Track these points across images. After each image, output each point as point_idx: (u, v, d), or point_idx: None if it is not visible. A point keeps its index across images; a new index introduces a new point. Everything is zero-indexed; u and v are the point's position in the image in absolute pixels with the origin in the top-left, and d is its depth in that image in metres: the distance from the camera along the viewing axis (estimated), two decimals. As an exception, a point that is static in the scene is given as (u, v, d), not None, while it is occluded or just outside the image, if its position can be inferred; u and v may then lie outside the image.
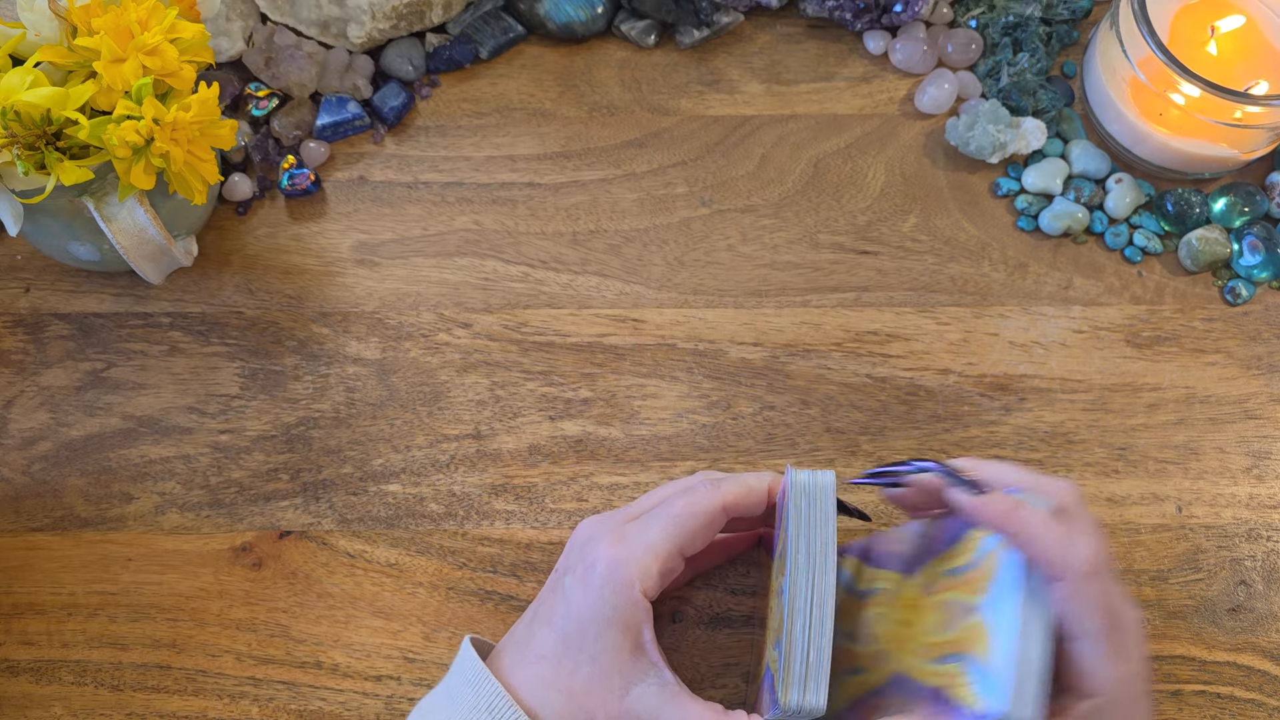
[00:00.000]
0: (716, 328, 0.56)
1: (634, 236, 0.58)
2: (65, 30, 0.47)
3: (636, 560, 0.42)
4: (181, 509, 0.53)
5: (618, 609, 0.41)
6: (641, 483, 0.54)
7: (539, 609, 0.44)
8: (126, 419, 0.55)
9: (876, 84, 0.61)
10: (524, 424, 0.55)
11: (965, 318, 0.56)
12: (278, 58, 0.59)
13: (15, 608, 0.52)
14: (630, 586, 0.41)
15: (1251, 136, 0.55)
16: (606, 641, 0.41)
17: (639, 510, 0.45)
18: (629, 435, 0.54)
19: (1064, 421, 0.54)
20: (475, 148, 0.60)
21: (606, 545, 0.42)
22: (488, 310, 0.57)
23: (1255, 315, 0.56)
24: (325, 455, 0.54)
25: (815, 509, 0.42)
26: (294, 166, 0.58)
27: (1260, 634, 0.51)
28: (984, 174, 0.59)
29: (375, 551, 0.52)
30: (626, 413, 0.55)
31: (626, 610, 0.41)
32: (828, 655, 0.40)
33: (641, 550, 0.42)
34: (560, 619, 0.43)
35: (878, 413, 0.55)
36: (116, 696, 0.50)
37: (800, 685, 0.40)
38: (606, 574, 0.42)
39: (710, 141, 0.60)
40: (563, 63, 0.62)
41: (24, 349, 0.56)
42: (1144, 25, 0.53)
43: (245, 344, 0.56)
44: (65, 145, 0.46)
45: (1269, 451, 0.54)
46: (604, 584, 0.42)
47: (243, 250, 0.58)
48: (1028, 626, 0.38)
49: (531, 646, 0.43)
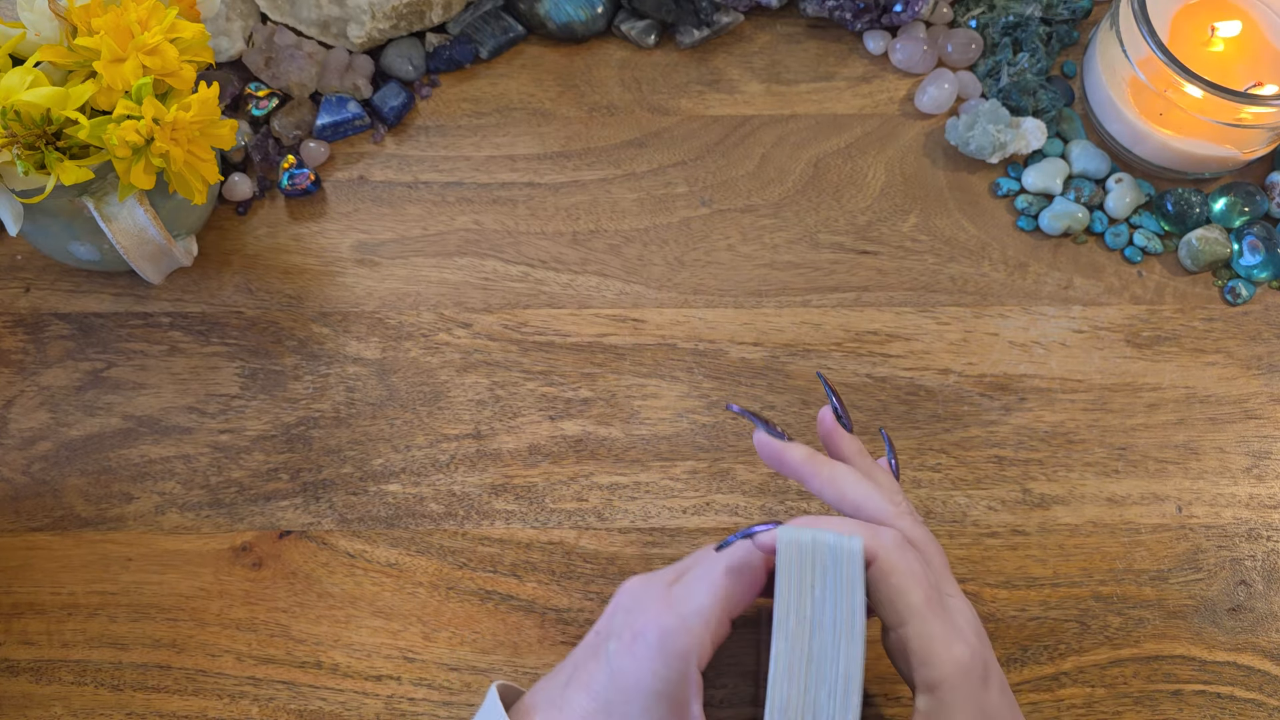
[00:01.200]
0: (716, 328, 0.56)
1: (634, 236, 0.58)
2: (65, 30, 0.47)
3: (690, 631, 0.39)
4: (181, 509, 0.53)
5: (669, 682, 0.39)
6: (641, 482, 0.54)
7: (576, 673, 0.42)
8: (126, 419, 0.55)
9: (876, 84, 0.61)
10: (524, 424, 0.55)
11: (965, 318, 0.56)
12: (278, 57, 0.59)
13: (15, 607, 0.52)
14: (684, 659, 0.39)
15: (1252, 136, 0.55)
16: (653, 715, 0.39)
17: (682, 570, 0.42)
18: (629, 435, 0.54)
19: (1064, 421, 0.54)
20: (475, 147, 0.60)
21: (656, 613, 0.40)
22: (488, 310, 0.57)
23: (1255, 315, 0.56)
24: (325, 455, 0.54)
25: (837, 573, 0.37)
26: (294, 166, 0.58)
27: (1260, 634, 0.51)
28: (984, 174, 0.59)
29: (375, 551, 0.52)
30: (626, 412, 0.55)
31: (677, 684, 0.39)
32: (859, 711, 0.36)
33: (694, 619, 0.39)
34: (602, 687, 0.40)
35: (878, 413, 0.55)
36: (116, 696, 0.50)
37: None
38: (658, 645, 0.39)
39: (710, 141, 0.60)
40: (563, 63, 0.62)
41: (24, 349, 0.56)
42: (1144, 25, 0.53)
43: (245, 344, 0.56)
44: (65, 145, 0.46)
45: (1269, 451, 0.54)
46: (655, 655, 0.39)
47: (243, 250, 0.58)
48: (782, 671, 0.36)
49: (566, 711, 0.41)
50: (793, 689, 0.36)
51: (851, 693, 0.36)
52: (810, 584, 0.37)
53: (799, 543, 0.38)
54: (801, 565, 0.37)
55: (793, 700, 0.36)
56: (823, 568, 0.37)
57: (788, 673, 0.36)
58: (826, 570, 0.37)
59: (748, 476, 0.53)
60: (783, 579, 0.37)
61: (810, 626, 0.37)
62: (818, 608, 0.37)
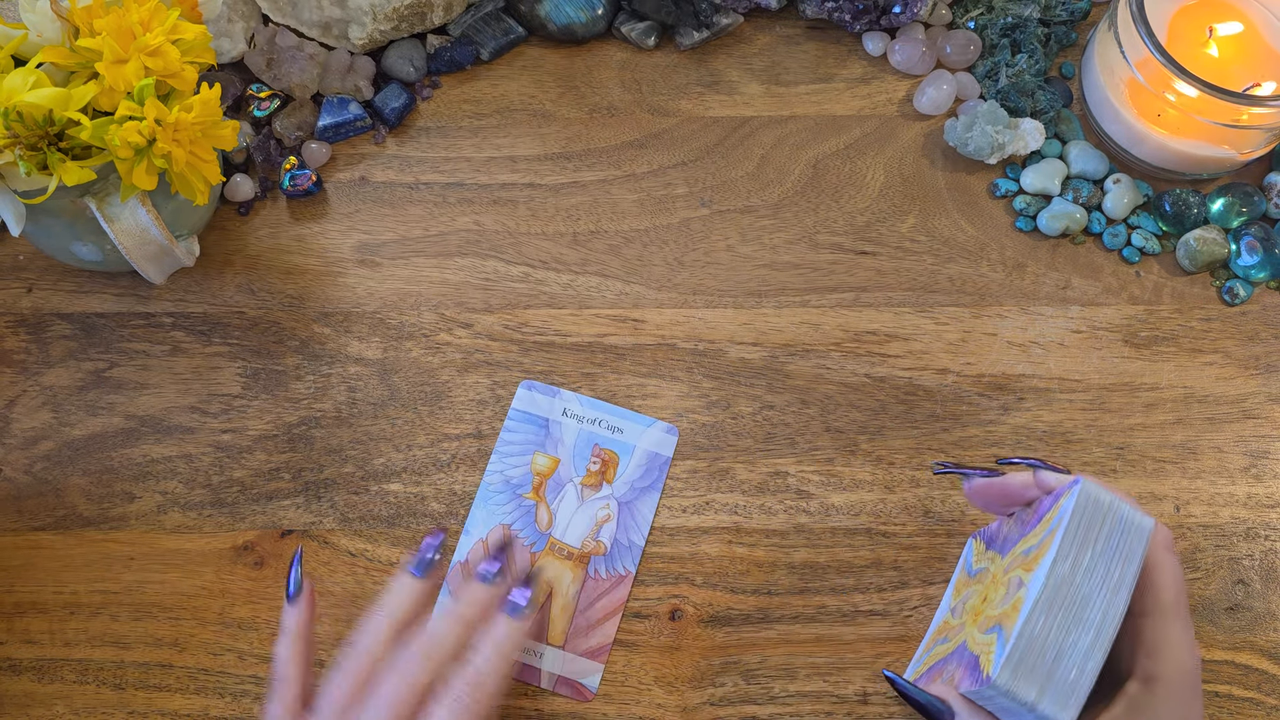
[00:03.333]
0: (716, 328, 0.56)
1: (634, 237, 0.58)
2: (67, 31, 0.47)
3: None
4: (183, 508, 0.53)
5: None
6: (641, 482, 0.54)
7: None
8: (129, 418, 0.55)
9: (875, 85, 0.61)
10: (524, 423, 0.55)
11: (964, 318, 0.56)
12: (279, 59, 0.59)
13: (18, 607, 0.52)
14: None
15: (1249, 137, 0.55)
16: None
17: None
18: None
19: (1062, 421, 0.55)
20: (476, 149, 0.60)
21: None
22: (488, 310, 0.57)
23: (1253, 315, 0.57)
24: (327, 454, 0.54)
25: (1122, 541, 0.39)
26: (295, 167, 0.58)
27: (1258, 633, 0.51)
28: (982, 175, 0.59)
29: (377, 550, 0.53)
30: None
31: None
32: (1092, 679, 0.38)
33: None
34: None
35: (876, 412, 0.55)
36: (119, 695, 0.50)
37: (1055, 696, 0.38)
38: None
39: (710, 142, 0.60)
40: (563, 64, 0.62)
41: (26, 349, 0.56)
42: (1142, 26, 0.53)
43: (247, 344, 0.56)
44: (67, 146, 0.46)
45: (1267, 451, 0.54)
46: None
47: (244, 250, 0.58)
48: (1043, 603, 0.38)
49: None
50: (1049, 623, 0.38)
51: (1100, 646, 0.38)
52: (1094, 539, 0.39)
53: (1098, 500, 0.40)
54: (1092, 520, 0.39)
55: (1042, 633, 0.38)
56: (1110, 530, 0.39)
57: (1047, 607, 0.38)
58: (1113, 534, 0.39)
59: (747, 476, 0.54)
60: (1071, 524, 0.39)
61: (1081, 574, 0.39)
62: (1094, 561, 0.39)
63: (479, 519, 0.52)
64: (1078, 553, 0.39)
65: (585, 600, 0.51)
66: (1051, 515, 0.41)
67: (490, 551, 0.47)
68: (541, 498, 0.52)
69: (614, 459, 0.53)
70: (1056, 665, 0.37)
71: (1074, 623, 0.38)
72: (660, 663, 0.51)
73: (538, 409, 0.53)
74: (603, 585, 0.51)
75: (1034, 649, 0.37)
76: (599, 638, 0.51)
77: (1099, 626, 0.38)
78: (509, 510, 0.52)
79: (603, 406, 0.54)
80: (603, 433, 0.53)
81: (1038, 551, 0.40)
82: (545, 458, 0.53)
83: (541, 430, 0.53)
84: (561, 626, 0.51)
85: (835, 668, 0.51)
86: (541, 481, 0.53)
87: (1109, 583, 0.39)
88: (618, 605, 0.51)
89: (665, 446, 0.53)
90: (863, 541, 0.53)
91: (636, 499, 0.53)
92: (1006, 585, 0.42)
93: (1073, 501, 0.39)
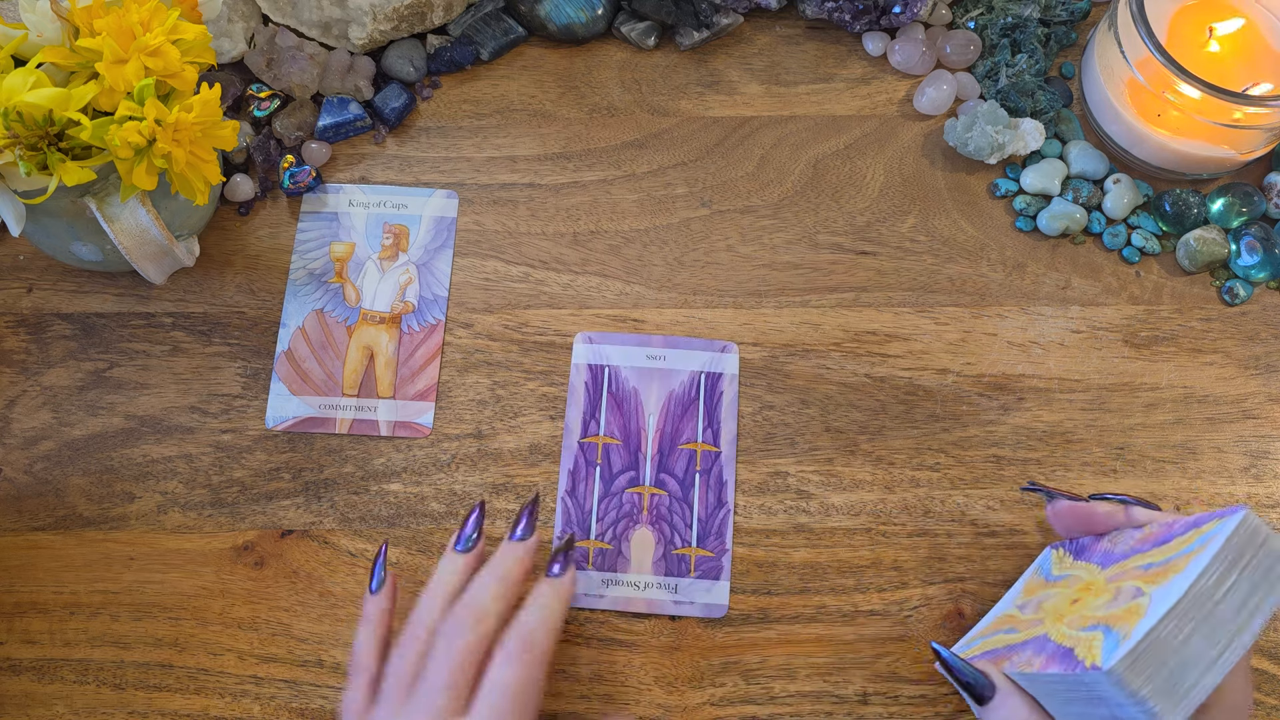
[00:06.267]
0: (716, 328, 0.56)
1: (634, 237, 0.58)
2: (67, 31, 0.47)
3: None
4: (184, 508, 0.53)
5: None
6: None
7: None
8: (129, 418, 0.55)
9: (875, 85, 0.61)
10: (525, 423, 0.55)
11: (964, 318, 0.57)
12: (279, 59, 0.59)
13: (18, 607, 0.52)
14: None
15: (1249, 137, 0.55)
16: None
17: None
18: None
19: (1062, 421, 0.55)
20: (476, 148, 0.60)
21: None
22: (489, 310, 0.57)
23: (1253, 315, 0.57)
24: (326, 454, 0.54)
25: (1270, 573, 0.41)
26: (294, 165, 0.58)
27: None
28: (982, 175, 0.59)
29: (376, 550, 0.53)
30: (626, 412, 0.55)
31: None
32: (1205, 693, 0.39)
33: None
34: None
35: (876, 412, 0.55)
36: (119, 695, 0.50)
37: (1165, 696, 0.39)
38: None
39: (710, 142, 0.60)
40: (563, 64, 0.62)
41: (26, 349, 0.56)
42: (1142, 26, 0.53)
43: (247, 344, 0.56)
44: (67, 146, 0.46)
45: (1266, 451, 0.54)
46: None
47: (244, 250, 0.58)
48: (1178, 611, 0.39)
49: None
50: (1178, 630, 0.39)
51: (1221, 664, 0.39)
52: (1243, 565, 0.40)
53: (1257, 530, 0.41)
54: (1245, 547, 0.40)
55: (1167, 638, 0.39)
56: (1260, 561, 0.40)
57: (1180, 615, 0.39)
58: (1260, 565, 0.40)
59: (747, 476, 0.54)
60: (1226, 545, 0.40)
61: (1222, 593, 0.40)
62: (1237, 584, 0.40)
63: (292, 311, 0.56)
64: (1224, 572, 0.40)
65: (405, 353, 0.56)
66: (1190, 538, 0.42)
67: (519, 516, 0.49)
68: (345, 278, 0.57)
69: (404, 231, 0.58)
70: (1176, 669, 0.39)
71: (1203, 636, 0.39)
72: (660, 663, 0.51)
73: (325, 206, 0.58)
74: (418, 337, 0.56)
75: (1156, 649, 0.39)
76: (424, 381, 0.55)
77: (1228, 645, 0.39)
78: (318, 296, 0.56)
79: (383, 190, 0.58)
80: (389, 211, 0.58)
81: (1163, 569, 0.42)
82: (341, 245, 0.57)
83: (333, 223, 0.58)
84: (388, 380, 0.55)
85: (835, 668, 0.51)
86: (342, 265, 0.57)
87: (1246, 608, 0.40)
88: (434, 350, 0.56)
89: (449, 209, 0.57)
90: (863, 541, 0.53)
91: (432, 259, 0.57)
92: (1114, 593, 0.43)
93: (1233, 524, 0.41)
